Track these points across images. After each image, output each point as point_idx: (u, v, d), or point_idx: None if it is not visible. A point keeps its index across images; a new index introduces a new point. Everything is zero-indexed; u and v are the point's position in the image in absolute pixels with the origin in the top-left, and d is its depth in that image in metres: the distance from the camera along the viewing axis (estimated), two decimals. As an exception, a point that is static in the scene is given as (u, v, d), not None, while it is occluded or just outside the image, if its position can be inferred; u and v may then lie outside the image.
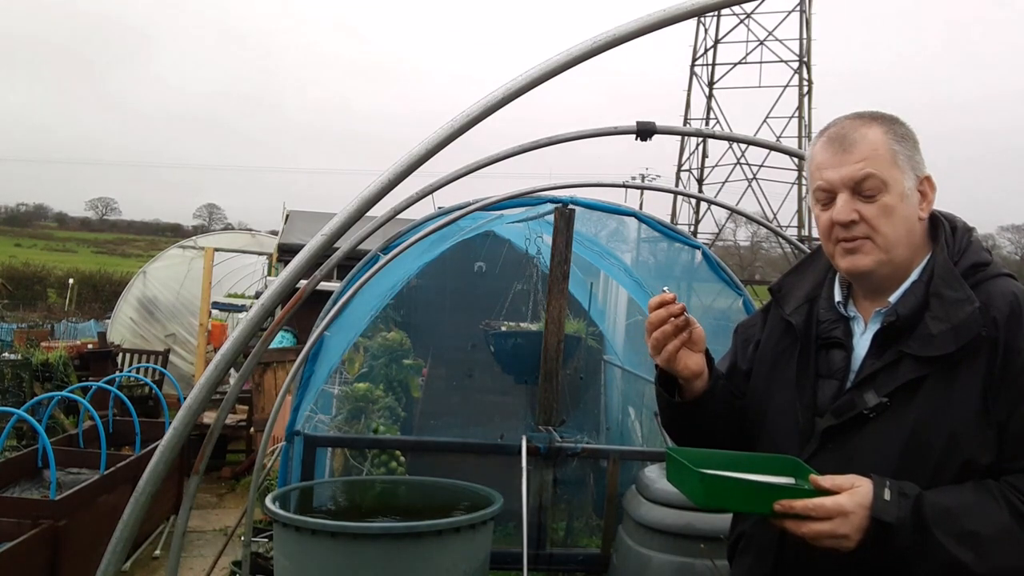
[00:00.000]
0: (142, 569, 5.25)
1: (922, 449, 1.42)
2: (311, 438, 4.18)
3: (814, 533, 1.37)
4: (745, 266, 36.61)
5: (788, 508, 1.37)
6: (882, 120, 1.53)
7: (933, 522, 1.35)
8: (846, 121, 1.54)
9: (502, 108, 1.58)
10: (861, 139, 1.50)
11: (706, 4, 1.55)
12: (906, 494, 1.37)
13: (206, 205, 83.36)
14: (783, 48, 35.61)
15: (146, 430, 5.65)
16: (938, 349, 1.43)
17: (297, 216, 11.20)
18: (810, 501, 1.37)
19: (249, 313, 1.62)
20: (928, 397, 1.43)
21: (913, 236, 1.52)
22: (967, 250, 1.53)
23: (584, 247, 5.07)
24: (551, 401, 4.10)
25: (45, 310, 22.05)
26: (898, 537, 1.35)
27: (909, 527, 1.35)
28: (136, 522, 1.56)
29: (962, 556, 1.34)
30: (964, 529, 1.35)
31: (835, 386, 1.55)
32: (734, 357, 1.79)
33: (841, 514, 1.35)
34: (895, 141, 1.50)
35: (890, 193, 1.48)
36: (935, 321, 1.45)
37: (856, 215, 1.49)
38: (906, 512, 1.35)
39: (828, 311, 1.62)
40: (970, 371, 1.42)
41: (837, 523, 1.36)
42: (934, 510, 1.36)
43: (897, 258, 1.51)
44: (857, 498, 1.36)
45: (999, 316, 1.42)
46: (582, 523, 5.08)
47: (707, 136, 3.50)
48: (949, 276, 1.48)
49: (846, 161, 1.49)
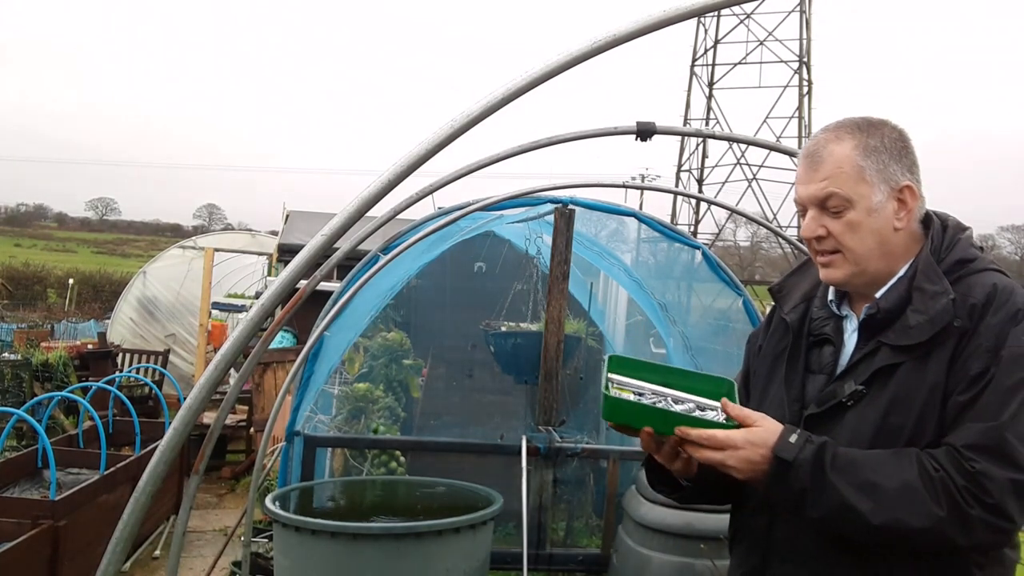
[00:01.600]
0: (142, 569, 5.25)
1: (893, 431, 1.47)
2: (311, 438, 4.18)
3: (706, 459, 1.46)
4: (745, 266, 36.64)
5: (685, 435, 1.46)
6: (856, 133, 1.55)
7: (832, 467, 1.41)
8: (820, 135, 1.58)
9: (502, 108, 1.58)
10: (828, 156, 1.54)
11: (706, 4, 1.55)
12: (812, 441, 1.44)
13: (206, 205, 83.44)
14: (783, 48, 35.63)
15: (146, 430, 5.65)
16: (912, 338, 1.48)
17: (297, 216, 11.20)
18: (705, 432, 1.45)
19: (249, 313, 1.62)
20: (900, 383, 1.48)
21: (888, 246, 1.55)
22: (954, 247, 1.56)
23: (584, 247, 5.07)
24: (551, 401, 4.10)
25: (45, 310, 22.04)
26: (796, 476, 1.42)
27: (808, 468, 1.41)
28: (136, 522, 1.56)
29: (858, 504, 1.39)
30: (865, 479, 1.40)
31: (823, 380, 1.59)
32: (747, 365, 1.84)
33: (732, 447, 1.44)
34: (863, 156, 1.52)
35: (855, 209, 1.52)
36: (915, 313, 1.49)
37: (823, 230, 1.55)
38: (808, 455, 1.42)
39: (821, 309, 1.67)
40: (939, 358, 1.46)
41: (727, 454, 1.44)
42: (838, 458, 1.43)
43: (871, 268, 1.55)
44: (753, 436, 1.45)
45: (976, 304, 1.46)
46: (582, 523, 5.09)
47: (707, 136, 3.50)
48: (930, 271, 1.52)
49: (812, 179, 1.55)
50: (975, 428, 1.39)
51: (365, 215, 1.58)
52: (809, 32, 35.47)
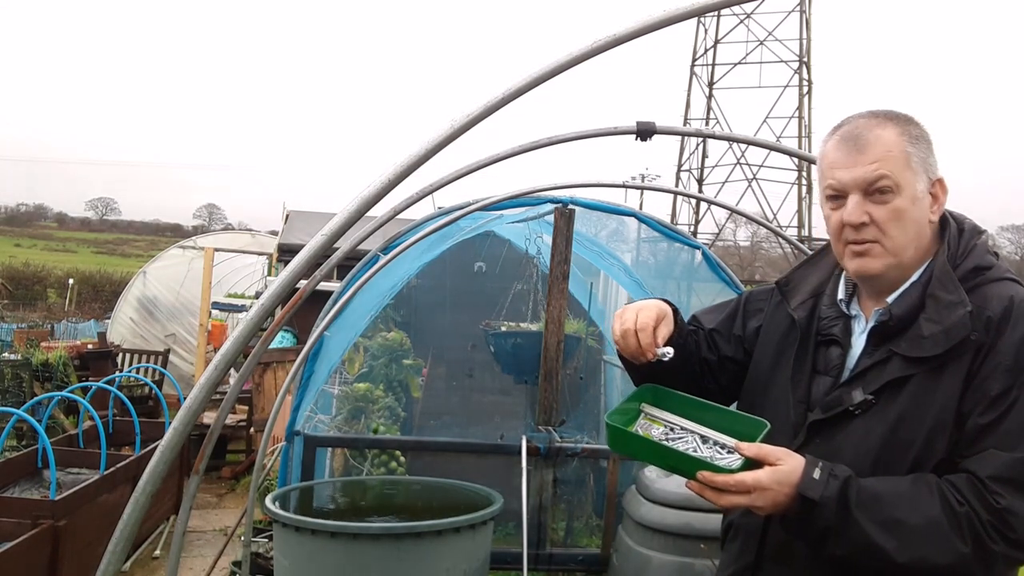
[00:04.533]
0: (142, 569, 5.25)
1: (901, 446, 1.43)
2: (311, 438, 4.18)
3: (732, 504, 1.42)
4: (745, 266, 36.61)
5: (709, 481, 1.41)
6: (897, 120, 1.51)
7: (858, 505, 1.37)
8: (860, 120, 1.52)
9: (502, 108, 1.58)
10: (875, 140, 1.48)
11: (706, 4, 1.55)
12: (836, 475, 1.39)
13: (206, 205, 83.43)
14: (783, 48, 35.64)
15: (146, 430, 5.65)
16: (926, 350, 1.43)
17: (297, 216, 11.18)
18: (730, 477, 1.40)
19: (249, 313, 1.62)
20: (912, 396, 1.44)
21: (922, 239, 1.51)
22: (971, 253, 1.51)
23: (584, 247, 5.07)
24: (551, 401, 4.10)
25: (45, 310, 22.06)
26: (821, 515, 1.38)
27: (833, 507, 1.37)
28: (136, 522, 1.56)
29: (883, 542, 1.35)
30: (890, 516, 1.36)
31: (829, 382, 1.56)
32: (732, 317, 1.79)
33: (759, 489, 1.39)
34: (909, 142, 1.48)
35: (902, 196, 1.47)
36: (928, 323, 1.45)
37: (867, 217, 1.47)
38: (832, 492, 1.37)
39: (830, 308, 1.62)
40: (954, 373, 1.42)
41: (754, 497, 1.40)
42: (862, 494, 1.38)
43: (906, 260, 1.50)
44: (778, 475, 1.39)
45: (993, 317, 1.42)
46: (582, 523, 5.08)
47: (707, 136, 3.50)
48: (946, 278, 1.47)
49: (859, 162, 1.47)
50: (999, 458, 1.36)
51: (365, 215, 1.58)
52: (809, 32, 35.51)
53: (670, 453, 1.49)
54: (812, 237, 31.04)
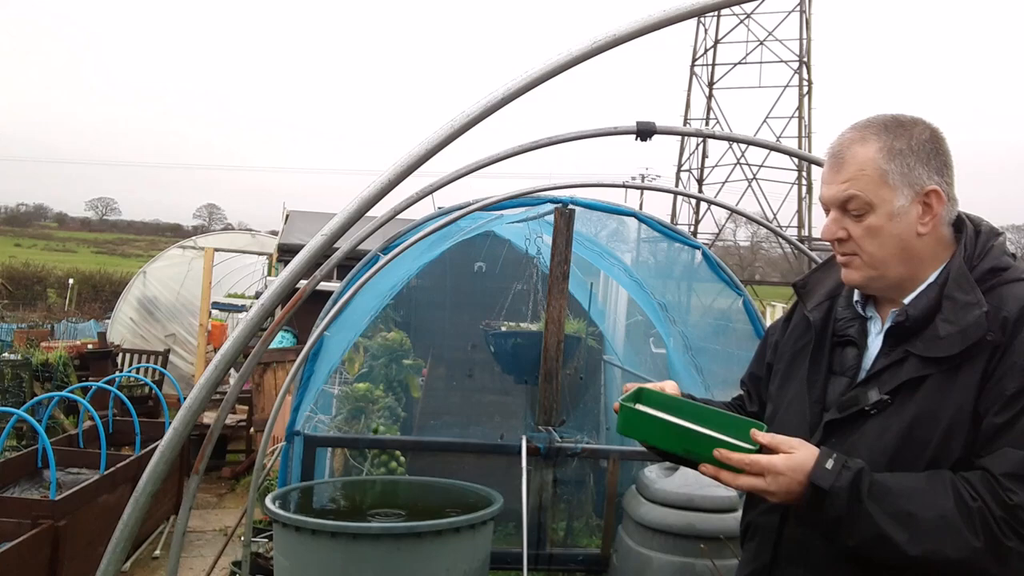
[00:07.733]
0: (142, 569, 5.25)
1: (916, 445, 1.44)
2: (311, 438, 4.18)
3: (747, 486, 1.44)
4: (745, 266, 36.63)
5: (726, 459, 1.44)
6: (883, 134, 1.51)
7: (870, 496, 1.38)
8: (848, 134, 1.55)
9: (502, 108, 1.58)
10: (851, 159, 1.51)
11: (706, 4, 1.55)
12: (849, 467, 1.40)
13: (206, 205, 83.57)
14: (783, 48, 35.62)
15: (146, 430, 5.65)
16: (942, 351, 1.44)
17: (297, 216, 11.19)
18: (747, 456, 1.43)
19: (249, 313, 1.62)
20: (928, 396, 1.44)
21: (910, 251, 1.51)
22: (987, 254, 1.52)
23: (584, 247, 5.07)
24: (551, 401, 4.10)
25: (45, 310, 22.03)
26: (832, 504, 1.39)
27: (844, 496, 1.38)
28: (136, 522, 1.56)
29: (894, 534, 1.36)
30: (901, 509, 1.37)
31: (845, 383, 1.57)
32: (760, 360, 1.83)
33: (773, 473, 1.41)
34: (887, 159, 1.49)
35: (875, 214, 1.49)
36: (945, 323, 1.45)
37: (844, 233, 1.52)
38: (844, 482, 1.39)
39: (846, 309, 1.64)
40: (970, 373, 1.42)
41: (768, 481, 1.42)
42: (874, 486, 1.39)
43: (890, 273, 1.52)
44: (792, 462, 1.41)
45: (1009, 317, 1.42)
46: (582, 523, 5.08)
47: (707, 136, 3.50)
48: (962, 279, 1.48)
49: (835, 180, 1.52)
50: (1014, 456, 1.36)
51: (365, 215, 1.58)
52: (809, 32, 35.46)
53: (687, 432, 1.50)
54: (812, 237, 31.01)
